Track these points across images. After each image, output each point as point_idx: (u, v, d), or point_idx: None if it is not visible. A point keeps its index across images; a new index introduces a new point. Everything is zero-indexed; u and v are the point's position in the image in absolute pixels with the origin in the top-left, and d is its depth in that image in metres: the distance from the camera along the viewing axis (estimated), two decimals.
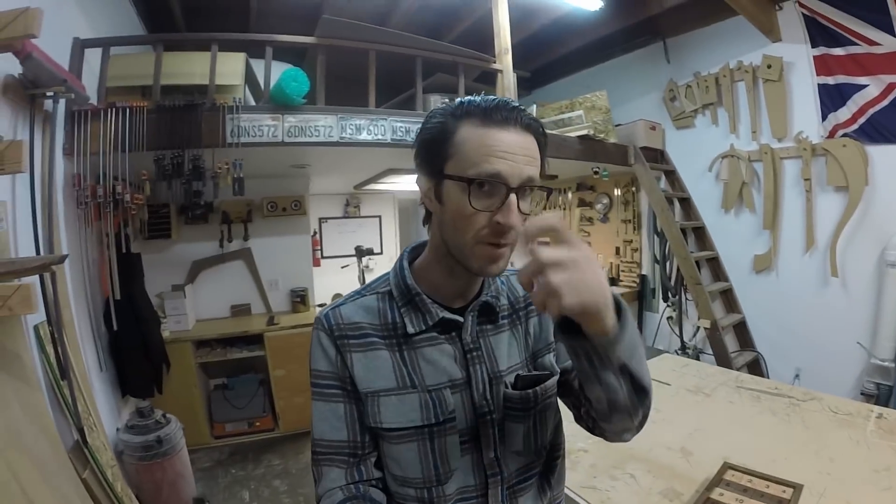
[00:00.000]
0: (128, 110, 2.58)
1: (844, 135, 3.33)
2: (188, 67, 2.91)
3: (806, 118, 3.56)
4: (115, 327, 2.75)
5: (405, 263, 0.88)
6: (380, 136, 3.11)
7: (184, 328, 3.61)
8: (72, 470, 1.96)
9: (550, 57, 5.12)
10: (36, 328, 2.05)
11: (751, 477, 1.48)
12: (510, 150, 0.72)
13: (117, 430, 2.74)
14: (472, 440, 0.85)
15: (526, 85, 5.43)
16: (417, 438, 0.81)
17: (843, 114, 3.32)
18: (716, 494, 1.39)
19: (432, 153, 0.78)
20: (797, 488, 1.40)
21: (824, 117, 3.43)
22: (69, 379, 2.11)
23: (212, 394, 3.79)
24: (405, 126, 3.17)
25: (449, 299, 0.86)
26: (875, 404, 3.12)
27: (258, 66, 3.13)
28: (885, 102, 3.13)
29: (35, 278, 1.99)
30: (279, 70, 2.93)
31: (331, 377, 0.83)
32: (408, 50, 3.39)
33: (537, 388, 0.87)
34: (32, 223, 2.07)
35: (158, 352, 3.12)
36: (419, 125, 0.82)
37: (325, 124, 2.98)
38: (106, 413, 2.67)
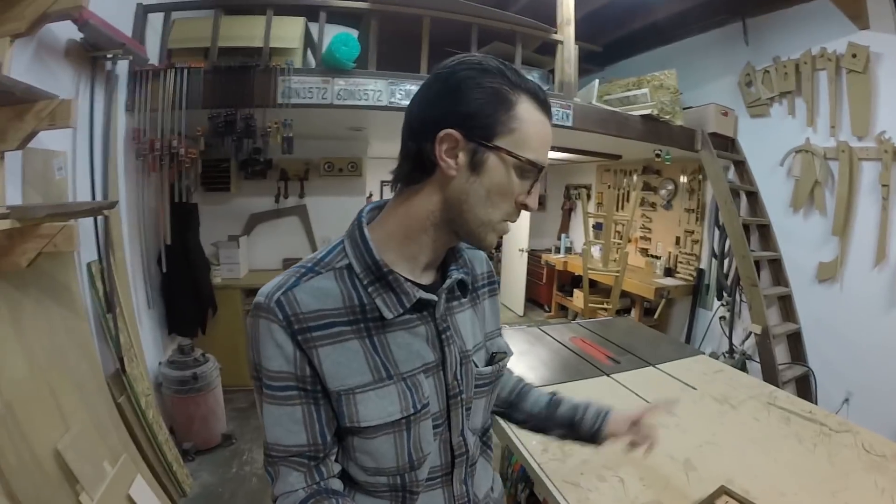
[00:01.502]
0: (186, 70, 2.81)
1: None
2: (249, 31, 3.08)
3: (891, 116, 3.26)
4: (164, 269, 3.06)
5: (366, 232, 0.77)
6: None
7: (235, 276, 3.93)
8: (108, 394, 2.28)
9: (623, 32, 4.90)
10: (88, 265, 2.36)
11: None
12: (549, 143, 0.77)
13: (160, 363, 3.08)
14: (443, 422, 0.84)
15: (598, 61, 5.25)
16: (394, 430, 0.77)
17: None
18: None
19: (482, 115, 0.71)
20: None
21: None
22: (114, 312, 2.41)
23: None
24: None
25: (419, 273, 0.81)
26: None
27: (327, 31, 3.25)
28: None
29: (89, 221, 2.29)
30: (335, 34, 3.04)
31: (287, 377, 0.73)
32: (463, 17, 3.39)
33: (500, 362, 0.93)
34: (90, 172, 2.35)
35: (206, 296, 3.46)
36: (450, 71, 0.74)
37: (374, 88, 3.08)
38: (150, 347, 3.03)
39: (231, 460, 3.10)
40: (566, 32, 3.68)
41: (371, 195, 5.44)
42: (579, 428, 1.07)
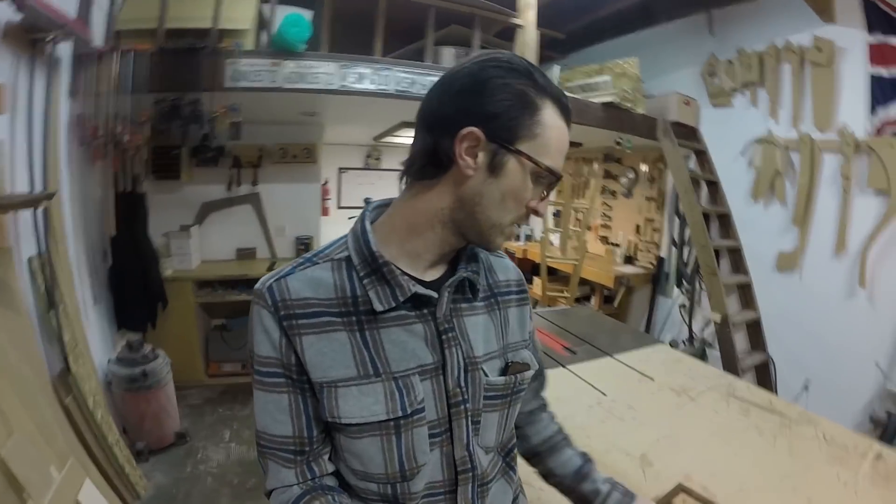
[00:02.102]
0: (132, 53, 2.74)
1: (894, 133, 3.18)
2: (199, 11, 3.00)
3: (853, 110, 3.41)
4: (109, 262, 3.01)
5: (367, 224, 0.78)
6: (383, 87, 3.16)
7: (187, 267, 3.88)
8: (53, 395, 2.23)
9: (587, 19, 4.96)
10: (29, 260, 2.29)
11: None
12: (566, 150, 0.78)
13: (108, 361, 3.03)
14: (443, 433, 0.80)
15: (561, 48, 5.30)
16: (381, 433, 0.75)
17: None
18: None
19: (505, 117, 0.71)
20: None
21: (873, 111, 3.28)
22: (57, 309, 2.36)
23: (210, 333, 4.13)
24: (410, 78, 3.22)
25: (422, 270, 0.80)
26: (882, 433, 3.08)
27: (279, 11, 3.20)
28: None
29: (29, 213, 2.23)
30: (287, 14, 3.00)
31: (273, 363, 0.74)
32: None
33: (517, 374, 0.88)
34: (28, 162, 2.28)
35: (156, 289, 3.42)
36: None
37: (325, 71, 3.05)
38: (98, 344, 2.96)
39: (185, 459, 3.09)
40: (527, 17, 3.73)
41: (327, 182, 5.40)
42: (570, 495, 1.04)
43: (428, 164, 0.75)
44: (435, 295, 0.78)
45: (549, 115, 0.73)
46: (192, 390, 3.77)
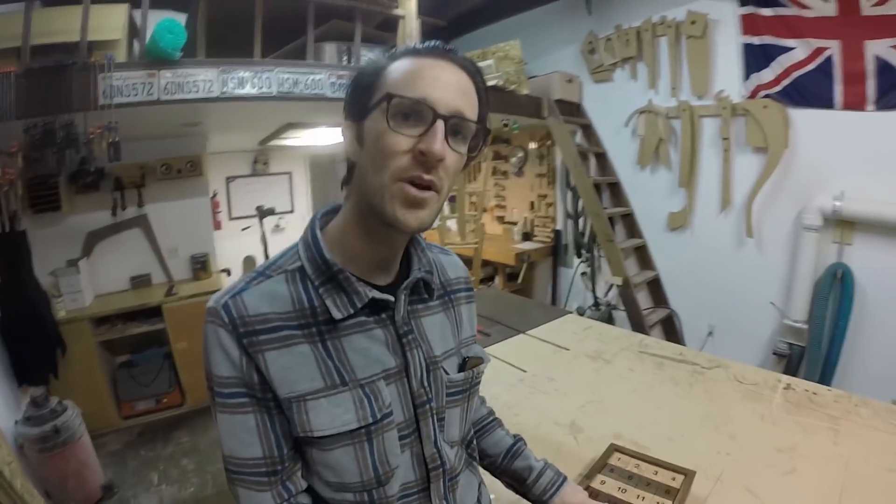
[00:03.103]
0: None
1: (766, 96, 3.48)
2: (67, 23, 2.69)
3: (728, 77, 3.70)
4: None
5: (317, 232, 0.77)
6: (265, 90, 3.00)
7: (80, 305, 3.51)
8: None
9: (468, 5, 5.05)
10: None
11: (638, 461, 1.41)
12: (441, 79, 0.70)
13: (16, 422, 2.71)
14: (411, 433, 0.81)
15: (442, 35, 5.32)
16: (354, 441, 0.74)
17: (767, 75, 3.46)
18: (597, 482, 1.32)
19: (357, 93, 0.74)
20: (688, 475, 1.33)
21: (747, 77, 3.57)
22: None
23: (116, 372, 3.77)
24: (293, 78, 3.07)
25: (368, 273, 0.79)
26: (787, 365, 3.39)
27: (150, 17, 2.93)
28: (812, 66, 3.25)
29: None
30: (160, 20, 2.77)
31: (235, 383, 0.71)
32: None
33: (474, 369, 0.90)
34: None
35: (52, 334, 3.08)
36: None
37: (204, 79, 2.84)
38: (1, 406, 2.67)
39: None
40: (408, 7, 3.68)
41: (216, 194, 5.08)
42: (529, 490, 1.06)
43: (347, 170, 0.78)
44: (391, 299, 0.78)
45: (397, 63, 0.72)
46: (108, 436, 3.47)
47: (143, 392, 3.73)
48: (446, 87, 0.70)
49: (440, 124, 0.68)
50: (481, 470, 1.07)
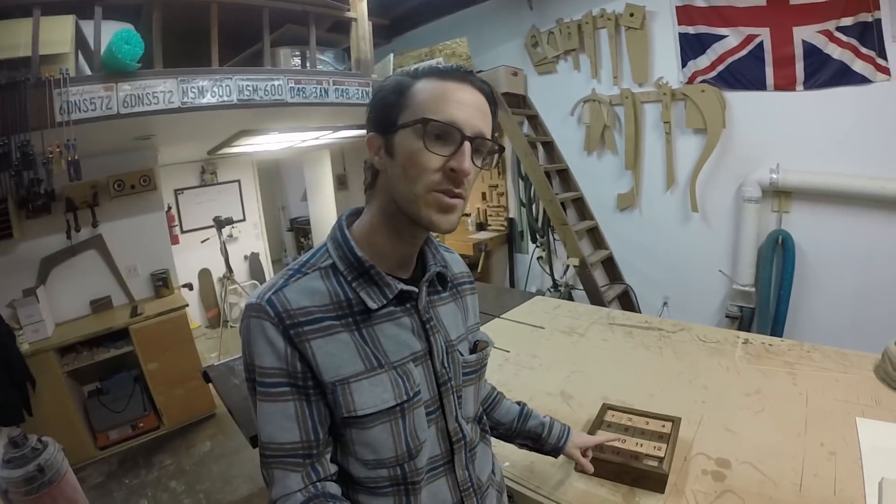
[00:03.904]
0: None
1: (703, 81, 3.71)
2: (12, 39, 2.60)
3: (666, 65, 3.92)
4: None
5: (347, 232, 0.87)
6: (225, 98, 3.00)
7: (43, 336, 3.35)
8: None
9: (410, 3, 5.11)
10: None
11: (630, 415, 1.58)
12: (464, 103, 0.79)
13: None
14: (436, 410, 0.91)
15: (385, 34, 5.39)
16: (390, 419, 0.84)
17: (703, 61, 3.69)
18: (600, 436, 1.41)
19: (385, 110, 0.82)
20: (675, 421, 1.51)
21: (684, 64, 3.80)
22: None
23: (87, 402, 3.61)
24: (252, 84, 3.09)
25: (394, 268, 0.89)
26: (739, 325, 3.66)
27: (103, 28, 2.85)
28: (744, 52, 3.49)
29: None
30: (114, 32, 2.69)
31: (278, 373, 0.79)
32: (253, 1, 3.26)
33: (483, 351, 1.02)
34: None
35: (19, 370, 2.93)
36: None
37: (164, 89, 2.81)
38: None
39: None
40: (359, 9, 3.74)
41: (170, 208, 4.98)
42: (545, 443, 1.23)
43: (370, 176, 0.87)
44: (416, 290, 0.89)
45: (422, 84, 0.80)
46: (87, 470, 3.35)
47: (117, 419, 3.61)
48: (470, 110, 0.80)
49: (467, 146, 0.78)
50: (493, 441, 1.18)
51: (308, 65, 3.64)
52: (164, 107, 2.82)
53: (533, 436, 1.23)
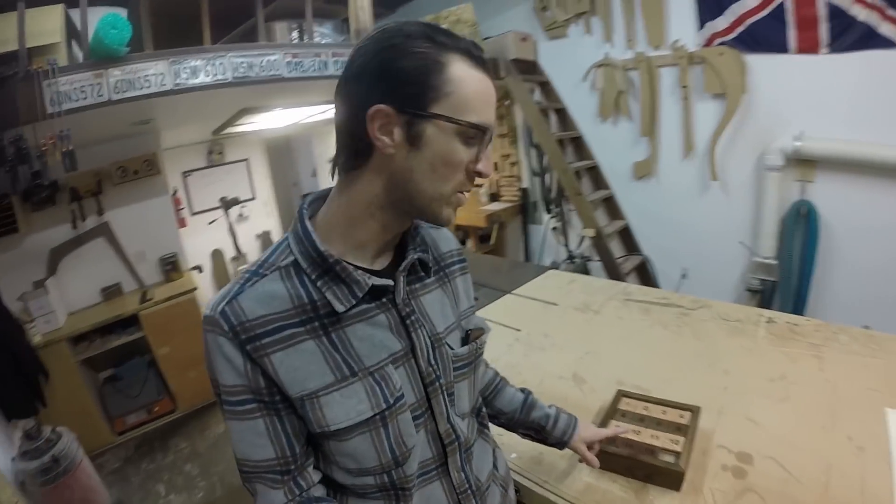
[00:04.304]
0: None
1: (722, 43, 3.55)
2: (3, 33, 2.53)
3: (683, 27, 3.75)
4: None
5: (308, 224, 0.76)
6: (220, 77, 2.92)
7: (55, 327, 3.39)
8: None
9: None
10: None
11: (646, 404, 1.49)
12: (491, 102, 0.74)
13: (13, 459, 2.63)
14: (424, 412, 0.83)
15: (388, 3, 5.23)
16: (370, 429, 0.75)
17: (721, 23, 3.52)
18: (611, 428, 1.33)
19: (412, 86, 0.68)
20: (695, 412, 1.42)
21: (702, 26, 3.63)
22: None
23: (102, 388, 3.70)
24: (247, 61, 3.00)
25: (370, 258, 0.79)
26: (760, 299, 3.56)
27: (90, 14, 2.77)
28: (765, 13, 3.32)
29: None
30: (102, 16, 2.63)
31: (241, 391, 0.72)
32: None
33: (477, 340, 0.91)
34: None
35: (31, 362, 2.97)
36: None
37: (155, 72, 2.74)
38: None
39: None
40: None
41: (176, 191, 4.94)
42: (549, 435, 1.15)
43: (351, 155, 0.74)
44: (391, 283, 0.78)
45: (460, 69, 0.69)
46: (105, 455, 3.41)
47: (132, 404, 3.68)
48: (493, 108, 0.74)
49: (490, 147, 0.75)
50: (499, 430, 1.13)
51: (306, 38, 3.53)
52: (156, 90, 2.75)
53: (536, 427, 1.15)
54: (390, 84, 0.68)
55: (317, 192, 0.84)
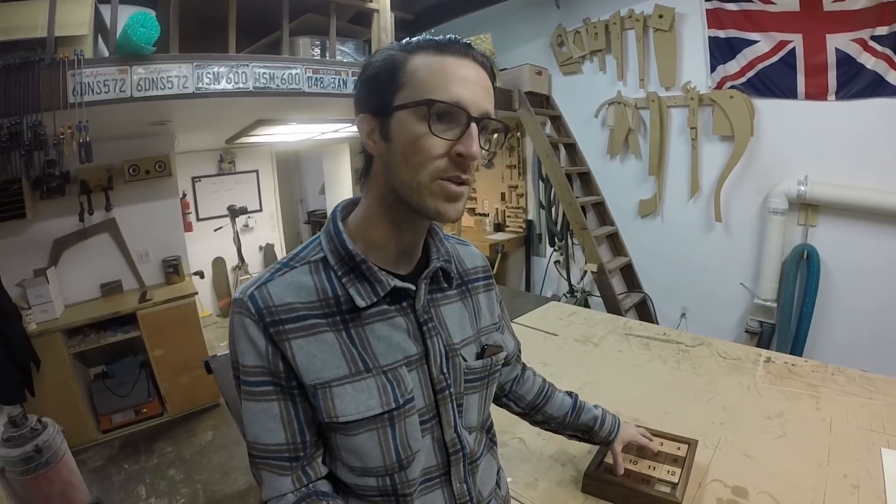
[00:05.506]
0: None
1: (732, 87, 3.61)
2: (31, 19, 2.57)
3: (695, 69, 3.82)
4: None
5: (339, 224, 0.80)
6: (241, 85, 2.95)
7: (51, 317, 3.37)
8: None
9: None
10: None
11: None
12: (468, 80, 0.71)
13: None
14: (431, 419, 0.83)
15: (410, 29, 5.34)
16: (377, 426, 0.77)
17: (732, 66, 3.59)
18: (609, 457, 1.34)
19: (378, 88, 0.73)
20: (692, 444, 1.41)
21: (713, 69, 3.70)
22: None
23: (92, 384, 3.63)
24: (269, 72, 3.03)
25: (392, 262, 0.82)
26: (759, 341, 3.55)
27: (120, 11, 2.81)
28: (775, 59, 3.39)
29: None
30: (130, 15, 2.67)
31: (261, 372, 0.75)
32: None
33: (492, 357, 0.92)
34: None
35: (24, 350, 2.94)
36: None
37: (178, 74, 2.77)
38: None
39: None
40: (382, 1, 3.67)
41: (185, 195, 4.98)
42: (596, 435, 1.22)
43: (364, 162, 0.80)
44: (413, 287, 0.81)
45: (419, 59, 0.71)
46: (88, 452, 3.36)
47: (121, 403, 3.62)
48: (474, 87, 0.72)
49: (474, 128, 0.71)
50: (499, 451, 1.10)
51: (328, 55, 3.59)
52: (178, 91, 2.78)
53: (585, 429, 1.21)
54: (366, 93, 0.76)
55: (349, 199, 0.87)
